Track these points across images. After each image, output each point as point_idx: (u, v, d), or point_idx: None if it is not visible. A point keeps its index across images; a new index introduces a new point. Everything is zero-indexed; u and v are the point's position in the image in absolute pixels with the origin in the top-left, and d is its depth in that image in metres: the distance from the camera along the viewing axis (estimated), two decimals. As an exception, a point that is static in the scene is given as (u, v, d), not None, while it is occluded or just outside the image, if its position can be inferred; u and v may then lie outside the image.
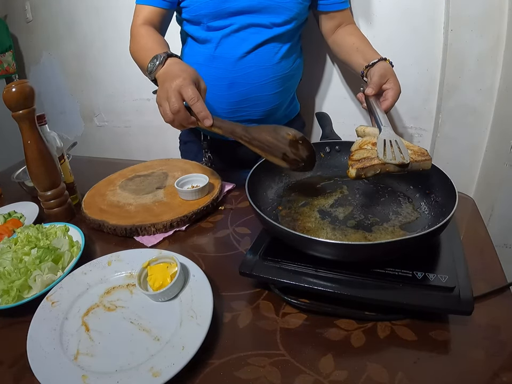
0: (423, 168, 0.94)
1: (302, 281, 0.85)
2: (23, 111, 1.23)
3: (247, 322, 0.87)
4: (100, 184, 1.51)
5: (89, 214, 1.30)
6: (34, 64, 3.09)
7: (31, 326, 0.92)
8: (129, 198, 1.35)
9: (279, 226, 0.85)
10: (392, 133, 1.00)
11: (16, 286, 1.01)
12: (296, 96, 1.73)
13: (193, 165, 1.51)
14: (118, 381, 0.76)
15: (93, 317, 0.92)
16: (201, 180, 1.32)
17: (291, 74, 1.52)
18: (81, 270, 1.05)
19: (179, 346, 0.79)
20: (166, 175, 1.47)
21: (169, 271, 0.95)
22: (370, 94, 1.17)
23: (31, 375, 0.81)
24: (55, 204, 1.34)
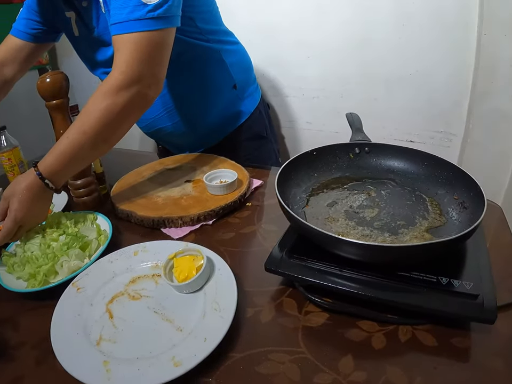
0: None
1: (327, 280, 0.85)
2: (57, 101, 1.26)
3: (269, 319, 0.87)
4: (128, 175, 1.53)
5: (117, 205, 1.31)
6: (67, 57, 3.12)
7: (56, 310, 0.93)
8: (158, 190, 1.36)
9: (308, 225, 0.85)
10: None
11: (43, 271, 1.03)
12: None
13: (221, 160, 1.51)
14: (139, 368, 0.76)
15: (117, 305, 0.94)
16: (229, 175, 1.33)
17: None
18: (107, 258, 1.07)
19: (201, 338, 0.80)
20: (195, 169, 1.48)
21: (195, 263, 0.95)
22: None
23: (53, 358, 0.82)
24: (84, 192, 1.36)
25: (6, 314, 1.03)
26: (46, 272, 1.04)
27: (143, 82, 1.12)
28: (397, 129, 2.09)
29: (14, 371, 0.86)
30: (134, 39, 1.09)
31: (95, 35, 1.36)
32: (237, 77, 1.63)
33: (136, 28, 1.08)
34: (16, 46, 1.52)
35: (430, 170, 1.10)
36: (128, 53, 1.09)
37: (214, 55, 1.54)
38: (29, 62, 1.59)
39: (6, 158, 1.72)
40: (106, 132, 1.13)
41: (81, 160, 1.17)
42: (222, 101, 1.63)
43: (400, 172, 1.14)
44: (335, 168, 1.18)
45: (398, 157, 1.15)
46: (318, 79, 2.17)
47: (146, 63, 1.11)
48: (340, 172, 1.18)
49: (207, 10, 1.47)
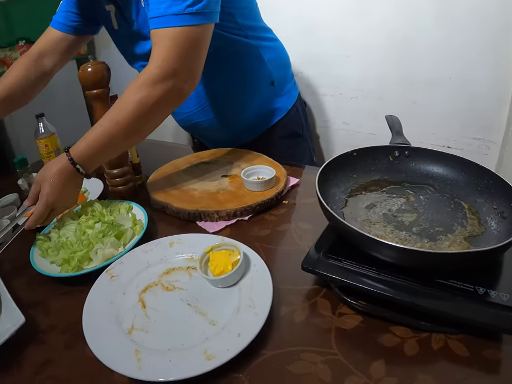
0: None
1: (363, 282, 0.84)
2: (97, 90, 1.28)
3: (303, 318, 0.86)
4: (164, 167, 1.53)
5: (153, 195, 1.32)
6: (105, 48, 3.15)
7: (89, 296, 0.94)
8: (194, 184, 1.36)
9: (349, 226, 0.84)
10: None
11: (77, 257, 1.04)
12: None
13: (258, 156, 1.51)
14: (171, 359, 0.76)
15: (150, 295, 0.94)
16: (267, 172, 1.32)
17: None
18: (142, 248, 1.07)
19: (235, 333, 0.79)
20: (231, 164, 1.47)
21: (231, 258, 0.95)
22: None
23: (83, 344, 0.83)
24: (121, 182, 1.37)
25: (38, 297, 1.04)
26: (80, 258, 1.05)
27: (179, 77, 1.12)
28: (434, 134, 2.06)
29: (44, 354, 0.87)
30: (171, 33, 1.09)
31: (134, 29, 1.37)
32: (275, 73, 1.62)
33: (174, 22, 1.08)
34: (56, 37, 1.54)
35: (470, 177, 1.07)
36: (165, 47, 1.10)
37: (252, 51, 1.53)
38: (68, 54, 1.62)
39: (43, 145, 1.74)
40: (139, 123, 1.14)
41: (112, 149, 1.19)
42: (259, 98, 1.63)
43: (439, 178, 1.12)
44: (374, 170, 1.16)
45: (438, 162, 1.13)
46: (357, 79, 2.14)
47: (183, 58, 1.11)
48: (379, 174, 1.16)
49: (247, 6, 1.47)
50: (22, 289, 1.08)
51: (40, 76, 1.55)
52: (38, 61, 1.52)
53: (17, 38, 3.05)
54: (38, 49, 1.53)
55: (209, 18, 1.12)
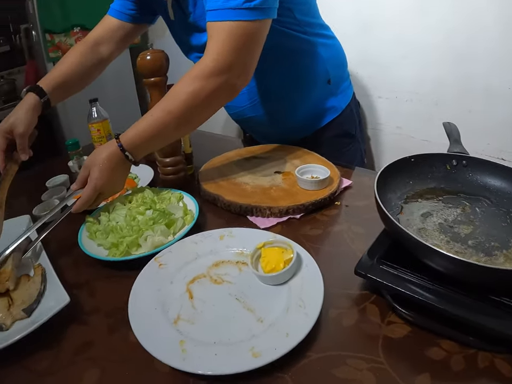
0: None
1: (416, 292, 0.82)
2: (155, 78, 1.28)
3: (352, 323, 0.84)
4: (216, 159, 1.53)
5: (204, 186, 1.31)
6: (159, 38, 3.18)
7: (136, 282, 0.94)
8: (246, 178, 1.35)
9: (407, 233, 0.81)
10: None
11: (126, 242, 1.05)
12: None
13: (312, 155, 1.48)
14: (216, 353, 0.75)
15: (198, 286, 0.93)
16: (321, 171, 1.30)
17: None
18: (192, 238, 1.07)
19: (283, 332, 0.77)
20: (284, 160, 1.46)
21: (283, 256, 0.93)
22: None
23: (126, 329, 0.84)
24: (172, 171, 1.37)
25: (83, 279, 1.06)
26: (129, 244, 1.05)
27: (233, 71, 1.12)
28: (489, 145, 1.99)
29: (85, 336, 0.88)
30: (227, 27, 1.09)
31: (190, 20, 1.37)
32: (331, 72, 1.59)
33: (230, 16, 1.08)
34: (113, 25, 1.56)
35: (528, 193, 1.04)
36: (220, 41, 1.09)
37: (310, 48, 1.51)
38: (125, 43, 1.63)
39: (96, 129, 1.76)
40: (190, 115, 1.15)
41: (162, 138, 1.19)
42: (315, 96, 1.60)
43: (496, 191, 1.08)
44: (430, 178, 1.13)
45: (496, 174, 1.09)
46: (413, 82, 2.09)
47: (238, 53, 1.11)
48: (435, 183, 1.13)
49: (306, 1, 1.45)
50: (68, 269, 1.09)
51: (96, 63, 1.57)
52: (94, 48, 1.55)
53: (72, 25, 3.13)
54: (95, 37, 1.55)
55: (266, 14, 1.11)
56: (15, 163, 1.32)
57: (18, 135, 1.29)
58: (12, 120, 1.30)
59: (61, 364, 0.82)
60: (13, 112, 1.33)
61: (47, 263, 1.05)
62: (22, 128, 1.29)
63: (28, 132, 1.32)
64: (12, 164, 1.32)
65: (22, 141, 1.31)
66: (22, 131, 1.29)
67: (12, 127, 1.29)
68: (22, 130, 1.29)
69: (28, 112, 1.33)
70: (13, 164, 1.32)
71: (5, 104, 4.72)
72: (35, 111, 1.35)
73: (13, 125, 1.29)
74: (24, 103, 1.34)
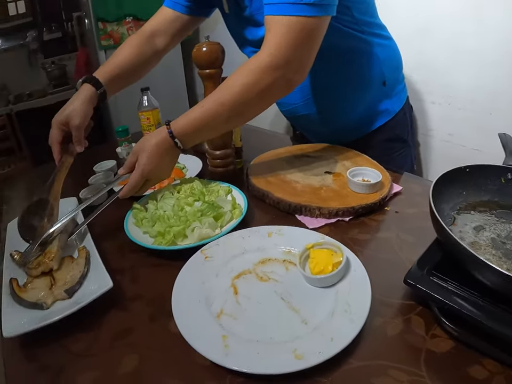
0: None
1: (465, 307, 0.79)
2: (210, 70, 1.28)
3: (395, 333, 0.82)
4: (266, 154, 1.52)
5: (254, 182, 1.30)
6: (210, 31, 3.19)
7: (181, 273, 0.94)
8: (296, 176, 1.33)
9: (463, 245, 0.79)
10: None
11: (173, 231, 1.05)
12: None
13: (363, 157, 1.46)
14: (259, 352, 0.74)
15: (243, 282, 0.92)
16: (372, 175, 1.27)
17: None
18: (240, 233, 1.06)
19: (328, 337, 0.76)
20: (335, 161, 1.43)
21: (332, 259, 0.91)
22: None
23: (167, 319, 0.84)
24: (221, 163, 1.37)
25: (127, 265, 1.06)
26: (175, 234, 1.05)
27: (290, 67, 1.11)
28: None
29: (125, 322, 0.89)
30: (286, 22, 1.07)
31: (246, 14, 1.36)
32: (387, 73, 1.56)
33: (290, 11, 1.06)
34: (170, 17, 1.56)
35: None
36: (279, 35, 1.08)
37: (367, 48, 1.48)
38: (180, 35, 1.64)
39: (145, 117, 1.77)
40: (242, 108, 1.14)
41: (212, 129, 1.19)
42: (369, 97, 1.58)
43: (552, 208, 1.05)
44: (484, 190, 1.10)
45: (553, 192, 1.07)
46: (467, 89, 2.02)
47: (296, 49, 1.09)
48: (489, 195, 1.10)
49: (364, 0, 1.42)
50: (111, 254, 1.11)
51: (152, 55, 1.58)
52: (150, 40, 1.55)
53: (125, 14, 3.20)
54: (151, 28, 1.56)
55: (326, 10, 1.09)
56: (71, 155, 1.33)
57: (74, 127, 1.31)
58: (67, 112, 1.31)
59: (100, 347, 0.83)
60: (69, 103, 1.34)
61: (91, 247, 1.06)
62: (78, 120, 1.30)
63: (84, 124, 1.33)
64: (68, 156, 1.33)
65: (78, 133, 1.32)
66: (78, 123, 1.30)
67: (67, 118, 1.30)
68: (78, 122, 1.30)
69: (84, 103, 1.33)
70: (68, 156, 1.33)
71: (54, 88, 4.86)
72: (91, 103, 1.36)
73: (69, 117, 1.30)
74: (80, 94, 1.35)
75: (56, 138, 1.31)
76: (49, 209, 1.17)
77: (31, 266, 1.01)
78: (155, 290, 0.96)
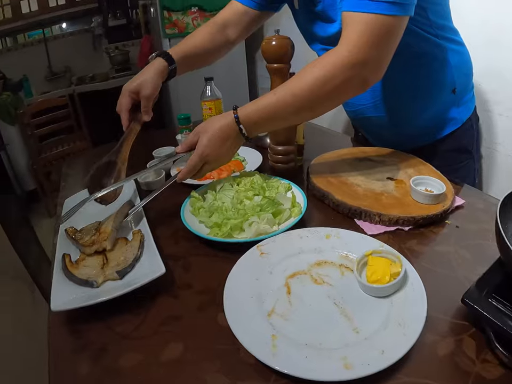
0: None
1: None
2: (278, 65, 1.27)
3: (446, 353, 0.78)
4: (328, 154, 1.50)
5: (314, 181, 1.28)
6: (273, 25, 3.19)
7: (236, 266, 0.93)
8: (358, 179, 1.31)
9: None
10: None
11: (230, 224, 1.04)
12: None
13: (425, 165, 1.42)
14: (307, 355, 0.73)
15: (297, 282, 0.91)
16: (435, 185, 1.24)
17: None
18: (298, 232, 1.04)
19: (379, 349, 0.73)
20: (398, 168, 1.40)
21: (390, 269, 0.89)
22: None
23: (216, 311, 0.85)
24: (283, 159, 1.36)
25: (180, 252, 1.07)
26: (233, 226, 1.04)
27: (367, 66, 1.08)
28: None
29: (174, 309, 0.89)
30: (366, 19, 1.05)
31: (318, 9, 1.33)
32: (458, 80, 1.52)
33: (370, 8, 1.04)
34: (239, 11, 1.57)
35: None
36: (357, 32, 1.06)
37: (440, 52, 1.44)
38: (249, 29, 1.64)
39: (208, 107, 1.78)
40: (314, 101, 1.12)
41: (280, 119, 1.17)
42: (438, 104, 1.53)
43: None
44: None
45: None
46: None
47: (375, 48, 1.07)
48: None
49: (440, 2, 1.38)
50: (165, 239, 1.11)
51: (223, 44, 1.60)
52: (222, 30, 1.57)
53: (190, 4, 3.24)
54: (223, 19, 1.58)
55: (405, 10, 1.07)
56: (138, 123, 1.37)
57: (144, 96, 1.34)
58: (139, 81, 1.34)
59: (145, 331, 0.84)
60: (140, 74, 1.37)
61: (146, 231, 1.07)
62: (149, 90, 1.34)
63: (154, 95, 1.36)
64: (136, 123, 1.36)
65: (147, 102, 1.35)
66: (149, 93, 1.34)
67: (138, 88, 1.34)
68: (148, 92, 1.34)
69: (155, 75, 1.36)
70: (136, 124, 1.36)
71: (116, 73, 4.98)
72: (161, 76, 1.39)
73: (140, 86, 1.34)
74: (152, 67, 1.38)
75: (126, 106, 1.34)
76: (116, 171, 1.22)
77: (85, 244, 1.02)
78: (206, 280, 0.96)
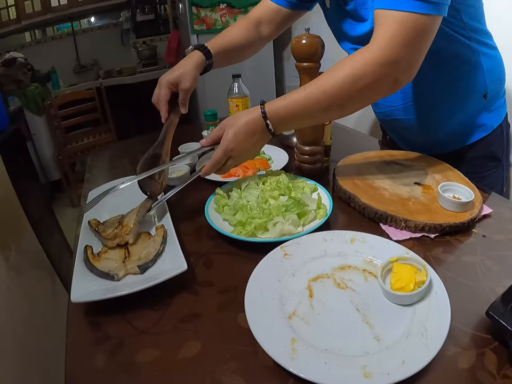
0: None
1: None
2: (307, 63, 1.26)
3: (466, 366, 0.76)
4: (355, 156, 1.48)
5: (341, 184, 1.27)
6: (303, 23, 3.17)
7: (259, 267, 0.92)
8: (385, 183, 1.29)
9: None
10: None
11: (254, 223, 1.04)
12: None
13: (454, 172, 1.39)
14: (326, 361, 0.72)
15: (320, 286, 0.90)
16: (464, 192, 1.21)
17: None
18: (322, 235, 1.03)
19: (399, 359, 0.72)
20: (426, 173, 1.38)
21: (415, 277, 0.87)
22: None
23: (236, 310, 0.84)
24: (309, 160, 1.35)
25: (202, 249, 1.07)
26: (257, 226, 1.04)
27: (399, 66, 1.07)
28: None
29: (193, 306, 0.89)
30: (399, 18, 1.03)
31: (349, 8, 1.32)
32: (490, 85, 1.49)
33: (404, 6, 1.02)
34: (272, 9, 1.57)
35: None
36: (390, 31, 1.04)
37: (472, 56, 1.42)
38: (282, 26, 1.64)
39: (234, 104, 1.78)
40: (344, 99, 1.10)
41: (308, 116, 1.14)
42: (469, 109, 1.51)
43: None
44: None
45: None
46: None
47: (408, 48, 1.05)
48: None
49: (473, 4, 1.35)
50: (188, 236, 1.12)
51: (257, 40, 1.60)
52: (256, 26, 1.58)
53: (219, 1, 3.26)
54: (256, 16, 1.58)
55: (439, 9, 1.05)
56: (177, 115, 1.38)
57: (183, 89, 1.35)
58: (178, 73, 1.35)
59: (164, 327, 0.84)
60: (179, 66, 1.38)
61: (170, 226, 1.07)
62: (188, 83, 1.34)
63: (192, 88, 1.37)
64: (174, 115, 1.37)
65: (185, 95, 1.36)
66: (188, 86, 1.35)
67: (178, 80, 1.34)
68: (188, 85, 1.34)
69: (194, 68, 1.37)
70: (175, 116, 1.37)
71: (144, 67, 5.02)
72: (199, 69, 1.40)
73: (180, 78, 1.34)
74: (191, 60, 1.39)
75: (165, 97, 1.35)
76: (161, 163, 1.23)
77: (107, 237, 1.03)
78: (228, 279, 0.95)
